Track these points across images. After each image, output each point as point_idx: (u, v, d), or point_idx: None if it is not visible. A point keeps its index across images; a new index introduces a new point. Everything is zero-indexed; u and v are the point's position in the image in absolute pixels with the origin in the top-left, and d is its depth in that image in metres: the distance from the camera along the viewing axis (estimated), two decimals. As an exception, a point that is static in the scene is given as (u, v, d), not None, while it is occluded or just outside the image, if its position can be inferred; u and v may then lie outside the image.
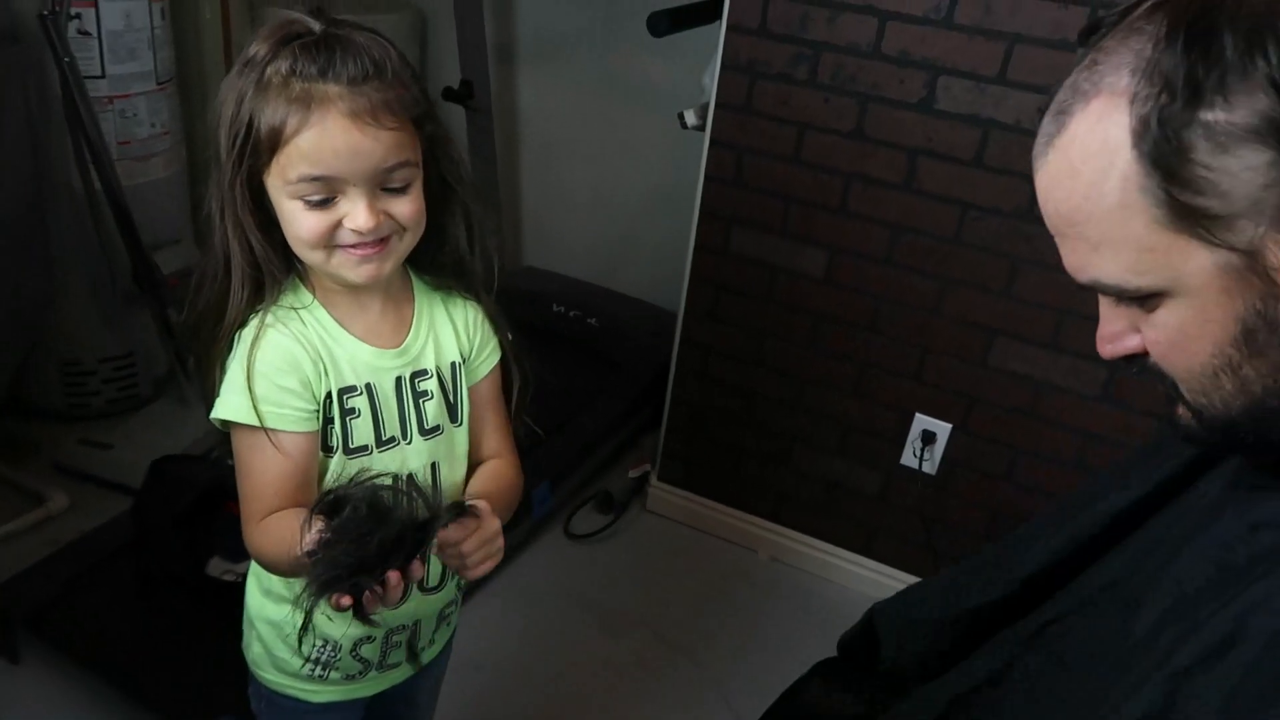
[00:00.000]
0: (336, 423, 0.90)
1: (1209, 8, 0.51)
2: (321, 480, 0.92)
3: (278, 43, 0.81)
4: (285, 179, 0.81)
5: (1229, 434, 0.59)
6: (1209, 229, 0.52)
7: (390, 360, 0.93)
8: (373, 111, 0.81)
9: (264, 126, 0.80)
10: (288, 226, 0.84)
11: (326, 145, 0.80)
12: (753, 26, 1.77)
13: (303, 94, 0.79)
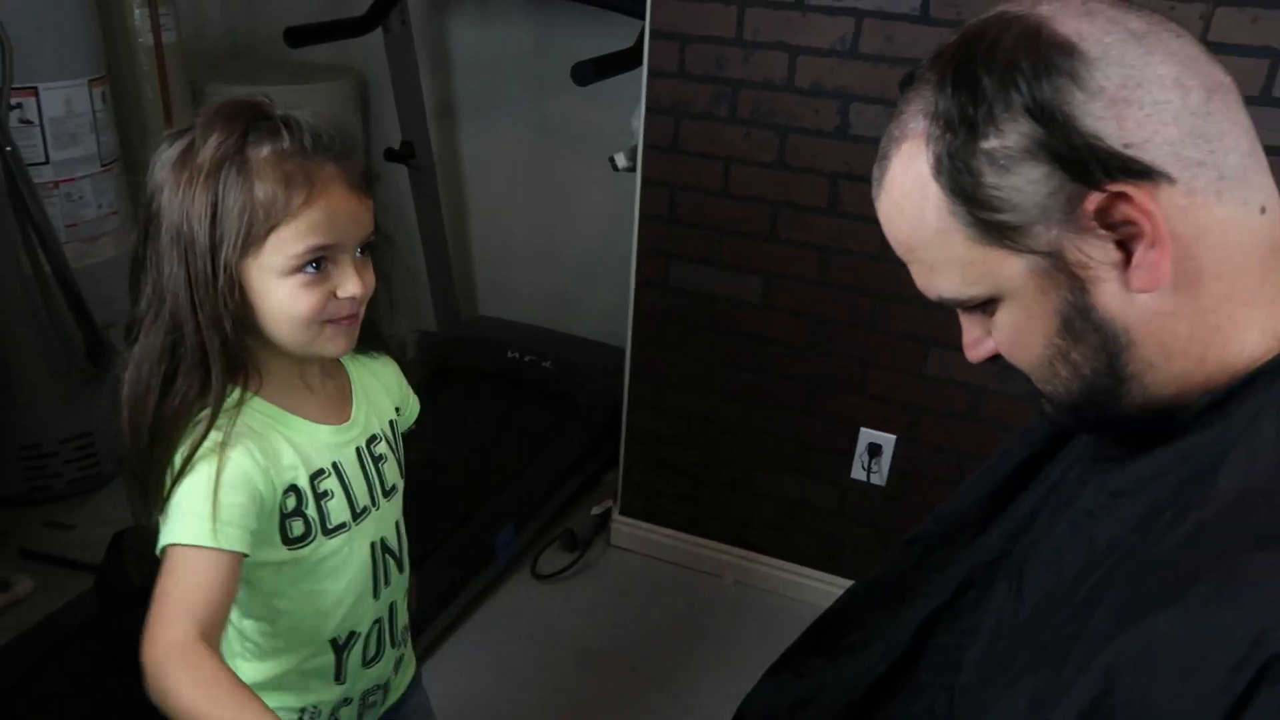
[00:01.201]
0: (311, 508, 0.90)
1: (968, 57, 0.59)
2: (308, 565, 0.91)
3: (241, 126, 0.81)
4: (288, 254, 0.81)
5: (1077, 415, 0.66)
6: (1012, 239, 0.60)
7: (346, 434, 0.94)
8: (360, 181, 0.85)
9: (260, 210, 0.80)
10: (281, 308, 0.83)
11: (333, 213, 0.82)
12: (672, 70, 1.85)
13: (299, 171, 0.80)
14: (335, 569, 0.94)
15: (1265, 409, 0.58)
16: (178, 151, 0.82)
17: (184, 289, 0.82)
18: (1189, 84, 0.57)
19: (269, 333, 0.85)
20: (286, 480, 0.88)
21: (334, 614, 0.95)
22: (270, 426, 0.88)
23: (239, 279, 0.82)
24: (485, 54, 2.75)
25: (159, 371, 0.84)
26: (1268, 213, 0.60)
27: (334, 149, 0.83)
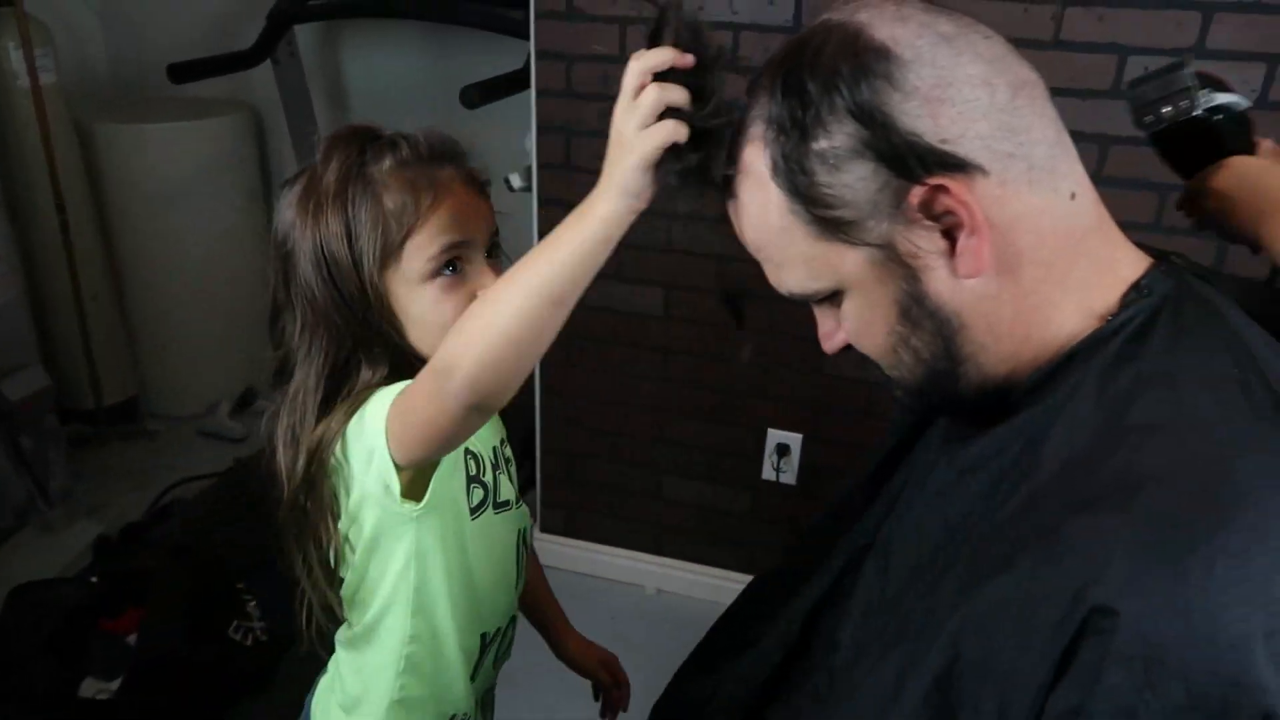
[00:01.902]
0: (488, 474, 0.92)
1: (795, 64, 0.63)
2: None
3: (357, 148, 0.84)
4: (426, 257, 0.83)
5: (923, 397, 0.70)
6: (848, 233, 0.64)
7: (489, 431, 0.96)
8: (477, 181, 0.89)
9: (391, 220, 0.82)
10: (426, 315, 0.85)
11: (461, 212, 0.84)
12: (559, 89, 1.88)
13: (421, 176, 0.83)
14: (494, 548, 0.95)
15: (1083, 383, 0.62)
16: (300, 189, 0.85)
17: (341, 307, 0.84)
18: (996, 82, 0.61)
19: (417, 346, 0.87)
20: (471, 444, 0.89)
21: (490, 602, 0.96)
22: None
23: (384, 292, 0.84)
24: (379, 81, 2.75)
25: (316, 401, 0.85)
26: (1078, 198, 0.64)
27: (448, 153, 0.87)
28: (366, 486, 0.83)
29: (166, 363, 2.82)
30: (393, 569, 0.89)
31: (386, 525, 0.86)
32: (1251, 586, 0.49)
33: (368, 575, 0.90)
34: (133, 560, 2.01)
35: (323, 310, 0.84)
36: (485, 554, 0.94)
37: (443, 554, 0.90)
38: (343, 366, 0.86)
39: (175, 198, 2.61)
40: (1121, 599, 0.50)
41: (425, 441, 0.78)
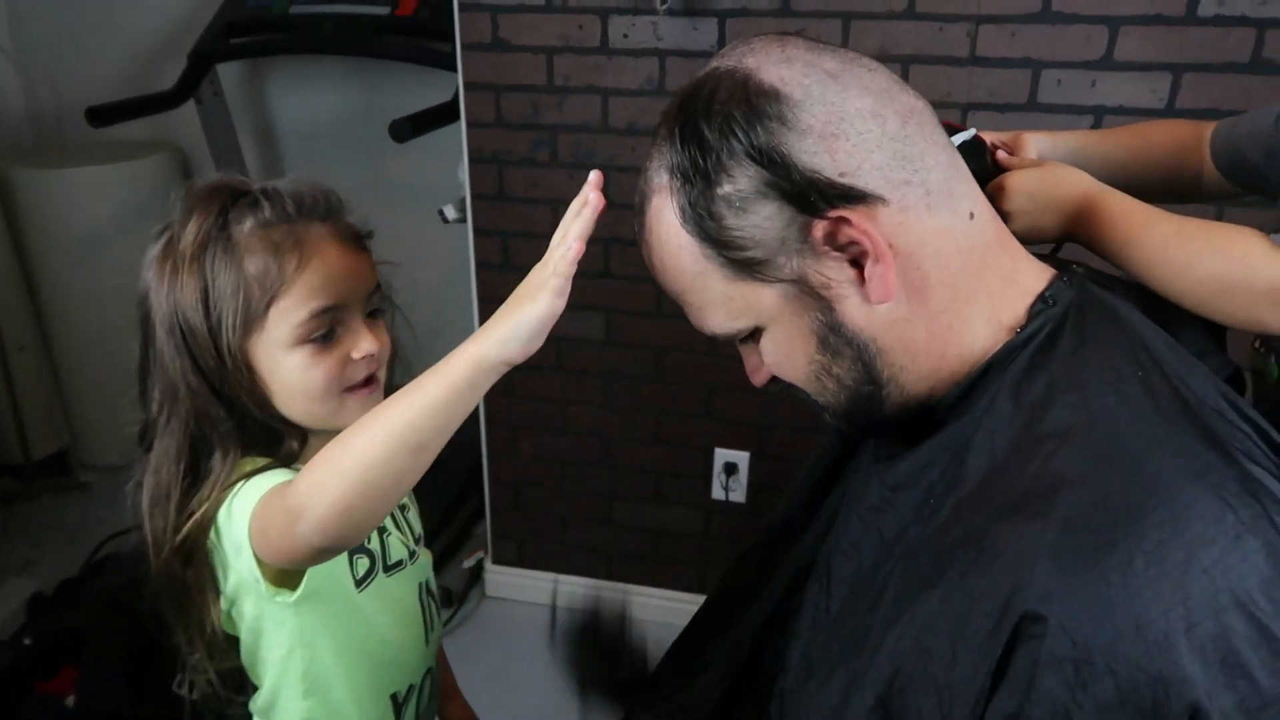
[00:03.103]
0: (373, 541, 0.88)
1: (690, 110, 0.65)
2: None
3: (220, 206, 0.79)
4: (293, 324, 0.78)
5: (850, 420, 0.72)
6: (761, 271, 0.65)
7: None
8: (353, 235, 0.83)
9: (254, 282, 0.77)
10: (294, 383, 0.81)
11: (331, 273, 0.79)
12: (489, 120, 1.88)
13: (287, 236, 0.78)
14: (397, 617, 0.93)
15: (999, 394, 0.64)
16: (159, 247, 0.80)
17: (196, 379, 0.79)
18: (885, 112, 0.64)
19: (286, 412, 0.82)
20: None
21: (396, 664, 0.93)
22: None
23: (245, 361, 0.79)
24: (308, 117, 2.72)
25: (178, 471, 0.81)
26: (976, 217, 0.67)
27: (319, 209, 0.81)
28: (241, 574, 0.80)
29: (98, 411, 2.75)
30: (277, 655, 0.86)
31: (265, 612, 0.84)
32: (1169, 582, 0.51)
33: (257, 655, 0.88)
34: (68, 617, 1.95)
35: (179, 379, 0.80)
36: (383, 619, 0.92)
37: (330, 635, 0.87)
38: (205, 437, 0.82)
39: (100, 242, 2.55)
40: (1048, 604, 0.52)
41: (284, 562, 0.76)
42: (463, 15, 1.82)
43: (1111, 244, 0.76)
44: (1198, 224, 0.73)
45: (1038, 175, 0.82)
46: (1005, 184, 0.81)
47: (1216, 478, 0.55)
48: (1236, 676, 0.50)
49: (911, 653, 0.59)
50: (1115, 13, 1.54)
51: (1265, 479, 0.57)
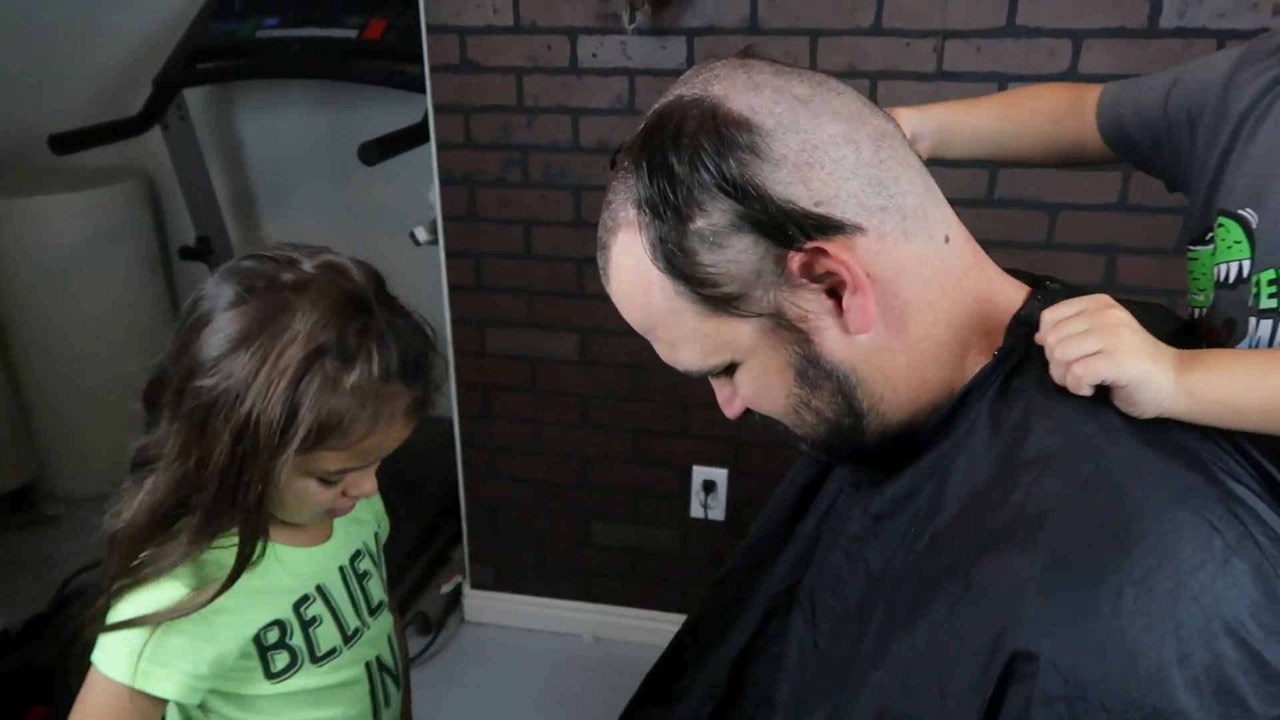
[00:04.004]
0: (296, 637, 0.87)
1: (657, 142, 0.62)
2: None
3: (339, 328, 0.75)
4: (324, 469, 0.79)
5: (830, 451, 0.70)
6: (737, 306, 0.63)
7: (329, 553, 0.92)
8: (421, 406, 0.81)
9: (326, 428, 0.75)
10: (296, 498, 0.81)
11: (382, 444, 0.80)
12: (459, 141, 1.87)
13: (372, 400, 0.76)
14: (334, 696, 0.90)
15: (978, 418, 0.63)
16: (251, 323, 0.75)
17: (227, 466, 0.75)
18: (858, 137, 0.62)
19: (273, 510, 0.82)
20: (267, 617, 0.85)
21: None
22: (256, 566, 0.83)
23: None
24: (278, 142, 2.71)
25: (159, 513, 0.80)
26: (952, 240, 0.66)
27: (411, 371, 0.79)
28: None
29: (66, 443, 2.70)
30: None
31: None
32: (1159, 612, 0.50)
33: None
34: (37, 655, 1.90)
35: (214, 459, 0.76)
36: (312, 709, 0.90)
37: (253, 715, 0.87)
38: (183, 500, 0.80)
39: (68, 271, 2.52)
40: (1039, 641, 0.51)
41: None
42: (431, 37, 1.81)
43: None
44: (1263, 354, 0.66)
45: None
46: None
47: (1200, 500, 0.54)
48: (1230, 705, 0.50)
49: (897, 692, 0.58)
50: (1079, 26, 1.56)
51: (1248, 498, 0.56)
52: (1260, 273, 0.70)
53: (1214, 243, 0.77)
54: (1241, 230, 0.73)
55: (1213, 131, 0.80)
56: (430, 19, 1.79)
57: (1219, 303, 0.76)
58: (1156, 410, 0.59)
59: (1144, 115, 0.88)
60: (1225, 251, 0.75)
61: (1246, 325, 0.71)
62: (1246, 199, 0.73)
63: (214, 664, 0.82)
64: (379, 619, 0.95)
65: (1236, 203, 0.74)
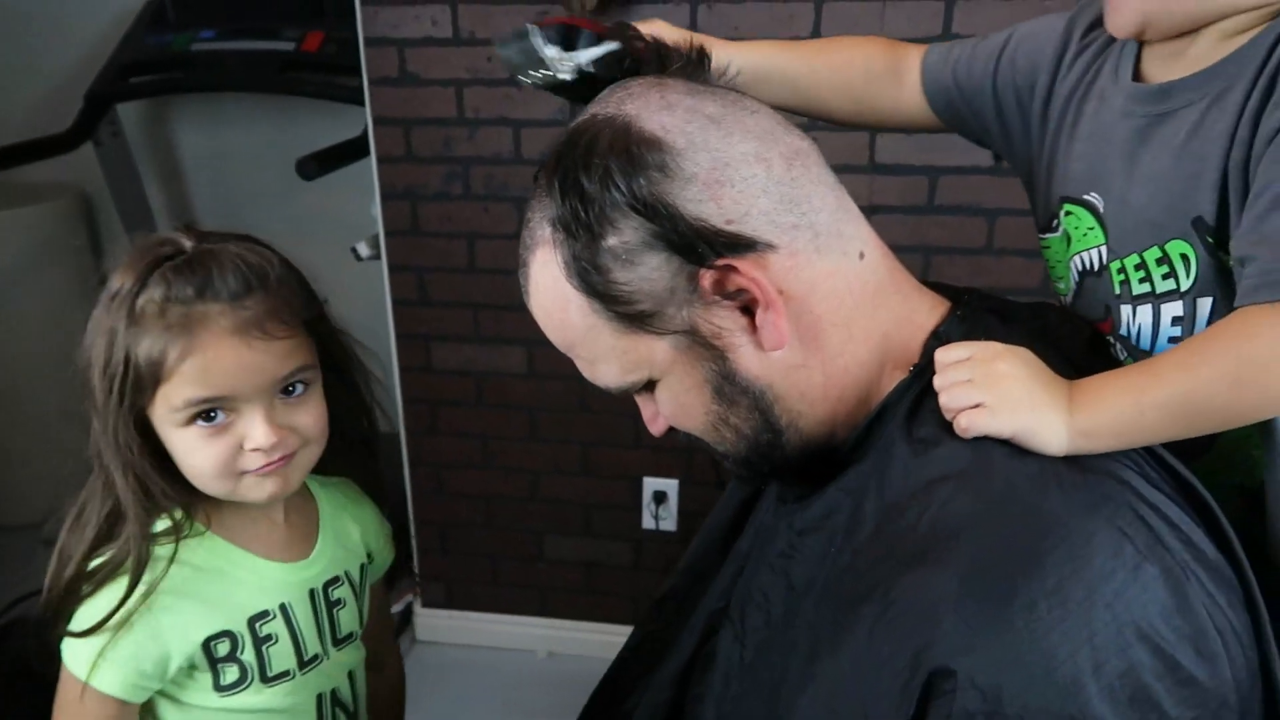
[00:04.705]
0: (248, 652, 0.84)
1: (568, 163, 0.62)
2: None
3: (145, 269, 0.77)
4: (172, 408, 0.76)
5: (750, 468, 0.70)
6: (652, 324, 0.63)
7: (302, 573, 0.88)
8: (259, 323, 0.77)
9: (143, 360, 0.75)
10: (184, 461, 0.79)
11: (214, 366, 0.76)
12: (400, 154, 1.85)
13: (181, 319, 0.75)
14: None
15: (895, 434, 0.63)
16: (104, 294, 0.79)
17: (110, 439, 0.78)
18: (769, 156, 0.62)
19: (189, 479, 0.80)
20: (217, 626, 0.82)
21: None
22: (211, 564, 0.83)
23: (144, 425, 0.79)
24: (218, 156, 2.65)
25: (102, 515, 0.80)
26: (867, 257, 0.66)
27: (229, 290, 0.76)
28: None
29: (4, 468, 2.62)
30: None
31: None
32: (1073, 623, 0.50)
33: None
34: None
35: (98, 438, 0.79)
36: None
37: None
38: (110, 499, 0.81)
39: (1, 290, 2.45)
40: (956, 657, 0.51)
41: None
42: (369, 50, 1.79)
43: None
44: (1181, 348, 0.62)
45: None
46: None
47: (1110, 507, 0.55)
48: (1147, 710, 0.50)
49: (824, 715, 0.57)
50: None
51: (1159, 501, 0.56)
52: (1124, 258, 0.69)
53: (1062, 230, 0.76)
54: (1092, 216, 0.72)
55: (1043, 117, 0.78)
56: (368, 31, 1.77)
57: (1090, 291, 0.75)
58: (1058, 453, 0.58)
59: (973, 90, 0.85)
60: (1081, 240, 0.74)
61: (1120, 313, 0.70)
62: (1087, 183, 0.72)
63: (158, 664, 0.80)
64: (345, 651, 0.92)
65: (1078, 188, 0.73)
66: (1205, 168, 0.60)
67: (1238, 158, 0.58)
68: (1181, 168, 0.62)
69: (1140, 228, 0.66)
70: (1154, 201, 0.65)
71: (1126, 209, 0.67)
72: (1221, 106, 0.60)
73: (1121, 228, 0.68)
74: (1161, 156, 0.64)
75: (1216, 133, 0.60)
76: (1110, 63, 0.71)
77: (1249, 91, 0.58)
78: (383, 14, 1.75)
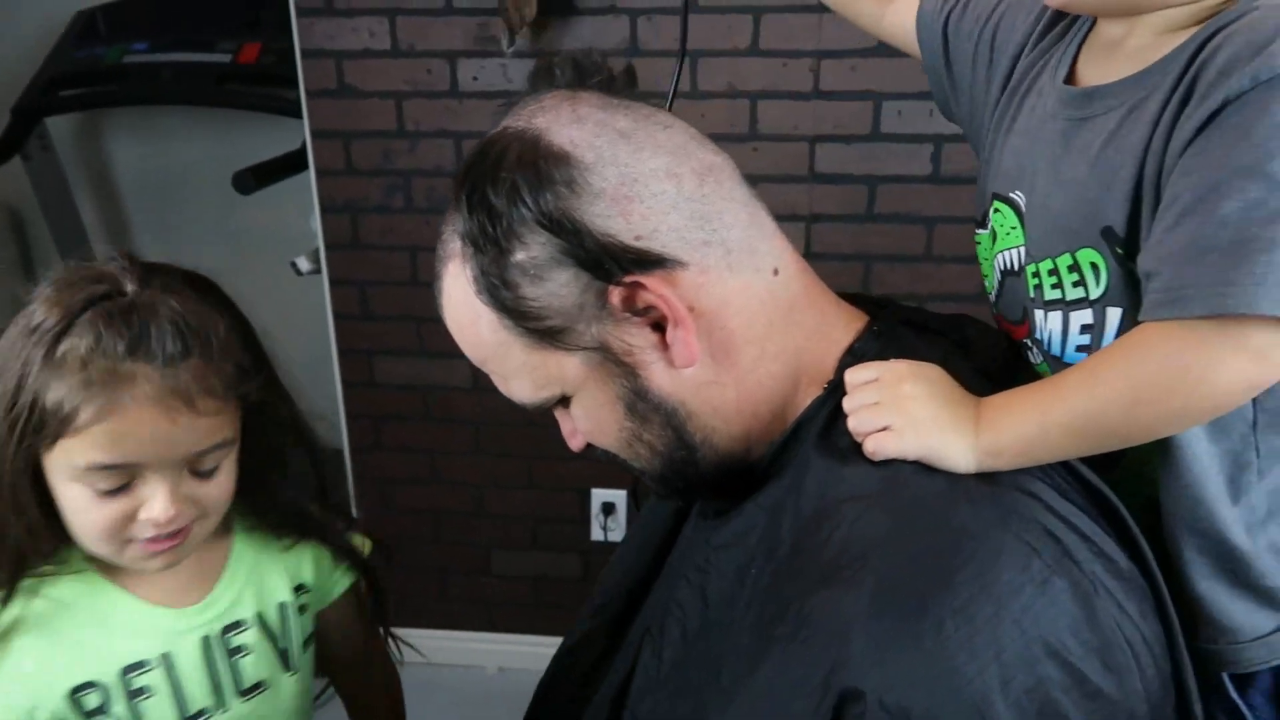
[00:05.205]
0: (119, 705, 0.77)
1: (476, 177, 0.61)
2: None
3: (76, 307, 0.69)
4: (72, 464, 0.70)
5: (666, 484, 0.70)
6: (562, 340, 0.62)
7: (193, 619, 0.81)
8: (188, 396, 0.70)
9: (51, 408, 0.68)
10: (71, 516, 0.72)
11: (128, 435, 0.69)
12: (340, 167, 1.83)
13: (105, 375, 0.68)
14: None
15: (810, 451, 0.63)
16: (24, 318, 0.72)
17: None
18: (680, 171, 0.62)
19: (71, 532, 0.74)
20: (84, 675, 0.76)
21: None
22: (84, 604, 0.77)
23: (35, 465, 0.72)
24: (152, 170, 2.60)
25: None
26: (780, 273, 0.66)
27: (159, 354, 0.70)
28: None
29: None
30: None
31: None
32: (981, 640, 0.50)
33: None
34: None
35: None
36: None
37: None
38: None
39: (-77, 312, 2.37)
40: (866, 678, 0.50)
41: None
42: (306, 62, 1.77)
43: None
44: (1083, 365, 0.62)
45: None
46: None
47: (1019, 522, 0.55)
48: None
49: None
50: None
51: (1070, 513, 0.57)
52: (1039, 262, 0.68)
53: (991, 226, 0.75)
54: (1015, 215, 0.71)
55: (995, 104, 0.76)
56: (304, 43, 1.75)
57: (1010, 291, 0.74)
58: (966, 472, 0.59)
59: (958, 47, 0.81)
60: (1005, 238, 0.73)
61: (1034, 317, 0.70)
62: (1014, 180, 0.71)
63: (26, 714, 0.75)
64: (255, 703, 0.85)
65: (1006, 184, 0.72)
66: (1118, 177, 0.60)
67: (1151, 169, 0.58)
68: (1095, 176, 0.62)
69: (1055, 233, 0.66)
70: (1069, 208, 0.64)
71: (1045, 212, 0.67)
72: (1138, 116, 0.59)
73: (1039, 230, 0.68)
74: (1079, 163, 0.63)
75: (1131, 143, 0.59)
76: (1055, 58, 0.70)
77: (1165, 102, 0.57)
78: (319, 25, 1.73)
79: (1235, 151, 0.52)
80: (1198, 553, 0.65)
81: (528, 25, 1.60)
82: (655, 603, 0.81)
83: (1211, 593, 0.66)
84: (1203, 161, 0.54)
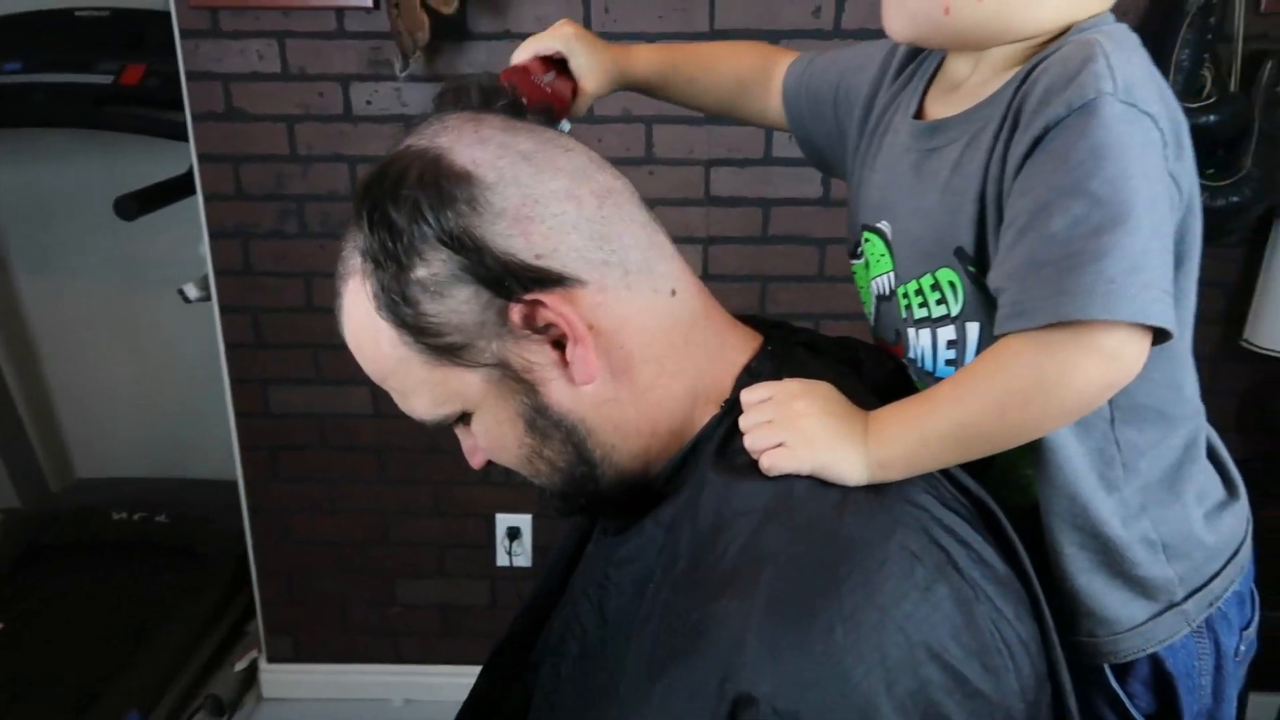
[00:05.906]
0: None
1: (378, 195, 0.62)
2: None
3: None
4: None
5: (568, 500, 0.71)
6: (462, 356, 0.63)
7: None
8: None
9: None
10: None
11: None
12: (230, 192, 1.78)
13: None
14: None
15: (707, 467, 0.65)
16: None
17: None
18: (580, 193, 0.64)
19: None
20: None
21: None
22: None
23: None
24: (29, 195, 2.49)
25: None
26: (679, 294, 0.67)
27: None
28: None
29: None
30: None
31: None
32: (868, 645, 0.52)
33: None
34: None
35: None
36: None
37: None
38: None
39: None
40: (758, 684, 0.52)
41: None
42: (191, 84, 1.72)
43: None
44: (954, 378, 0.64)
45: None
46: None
47: (904, 531, 0.57)
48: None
49: None
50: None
51: (953, 522, 0.59)
52: (906, 284, 0.72)
53: (864, 256, 0.79)
54: (883, 243, 0.75)
55: (855, 145, 0.81)
56: (189, 65, 1.71)
57: (885, 315, 0.78)
58: (858, 484, 0.61)
59: (816, 105, 0.86)
60: (876, 264, 0.77)
61: (907, 337, 0.74)
62: (879, 211, 0.75)
63: None
64: None
65: (872, 215, 0.76)
66: (964, 201, 0.65)
67: (991, 192, 0.63)
68: (944, 202, 0.67)
69: (916, 256, 0.70)
70: (925, 232, 0.69)
71: (907, 237, 0.71)
72: (976, 145, 0.64)
73: (904, 255, 0.72)
74: (930, 190, 0.68)
75: (972, 170, 0.64)
76: (905, 99, 0.76)
77: (998, 132, 0.63)
78: (204, 48, 1.69)
79: (1059, 174, 0.58)
80: (1078, 548, 0.70)
81: (421, 49, 1.59)
82: (558, 623, 0.81)
83: (1091, 586, 0.71)
84: (1032, 184, 0.59)
